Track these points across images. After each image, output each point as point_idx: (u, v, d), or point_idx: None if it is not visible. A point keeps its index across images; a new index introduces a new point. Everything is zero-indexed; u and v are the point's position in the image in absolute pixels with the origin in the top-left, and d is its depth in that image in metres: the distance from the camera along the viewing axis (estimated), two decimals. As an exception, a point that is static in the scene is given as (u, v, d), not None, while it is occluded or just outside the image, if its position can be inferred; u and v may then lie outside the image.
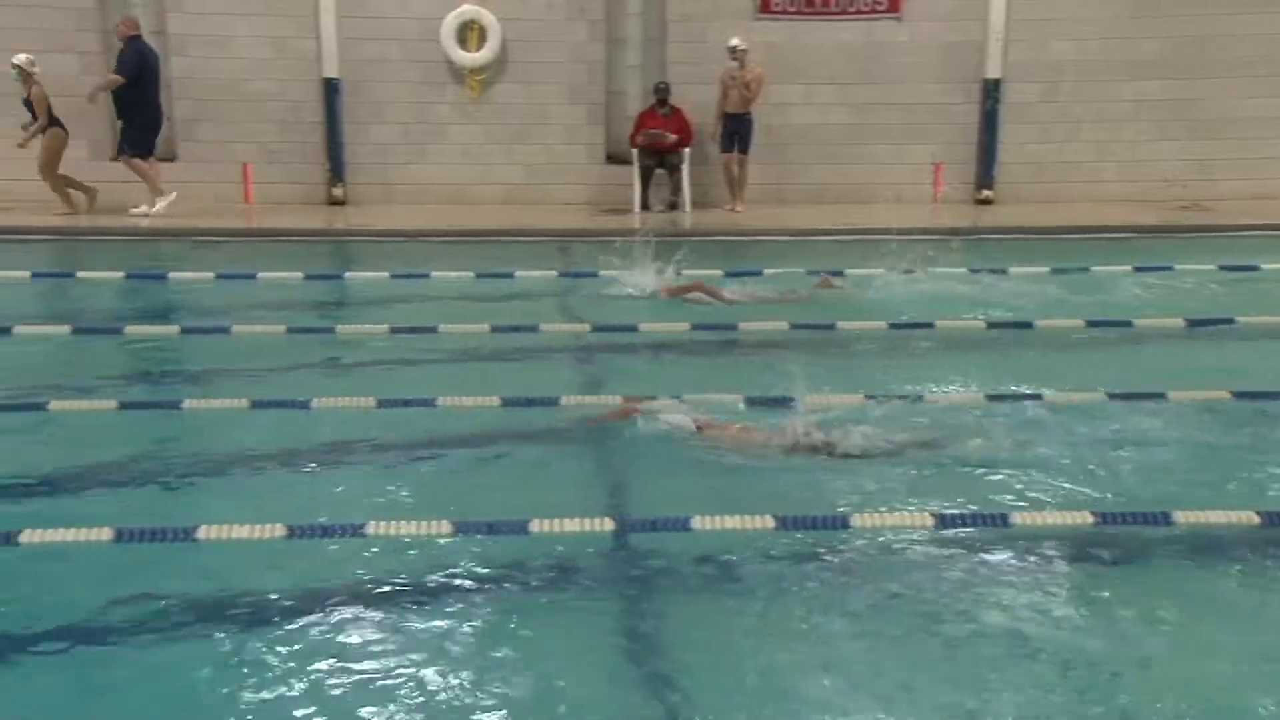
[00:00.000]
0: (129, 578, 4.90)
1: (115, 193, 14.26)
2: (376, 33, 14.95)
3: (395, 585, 4.81)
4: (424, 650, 4.29)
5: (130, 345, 8.82)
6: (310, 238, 13.38)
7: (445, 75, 15.22)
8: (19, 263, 11.31)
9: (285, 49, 14.87)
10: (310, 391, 7.26)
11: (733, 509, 5.34)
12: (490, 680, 4.10)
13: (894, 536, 5.16)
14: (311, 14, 14.76)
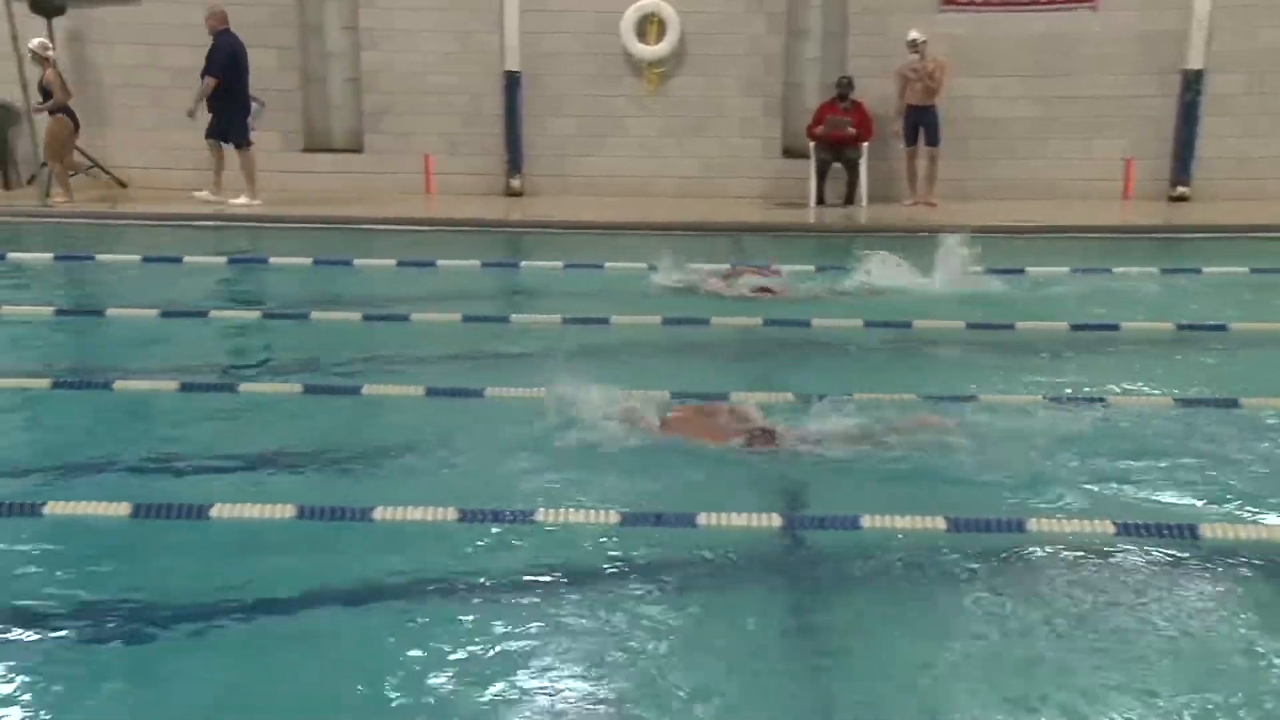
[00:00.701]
0: (309, 554, 5.11)
1: (296, 183, 14.82)
2: (557, 26, 15.18)
3: (561, 571, 4.91)
4: (585, 635, 4.37)
5: (315, 330, 9.15)
6: (488, 228, 13.66)
7: (623, 68, 15.37)
8: (214, 248, 11.82)
9: (469, 43, 15.21)
10: (483, 380, 7.44)
11: (904, 509, 5.31)
12: (650, 665, 4.16)
13: (1070, 545, 5.07)
14: (496, 9, 15.06)
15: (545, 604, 4.64)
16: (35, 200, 14.08)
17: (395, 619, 4.55)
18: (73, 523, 5.33)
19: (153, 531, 5.29)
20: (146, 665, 4.31)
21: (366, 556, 5.05)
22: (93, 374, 7.58)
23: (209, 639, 4.45)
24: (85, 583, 4.89)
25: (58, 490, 5.68)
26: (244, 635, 4.49)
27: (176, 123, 14.82)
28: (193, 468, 6.10)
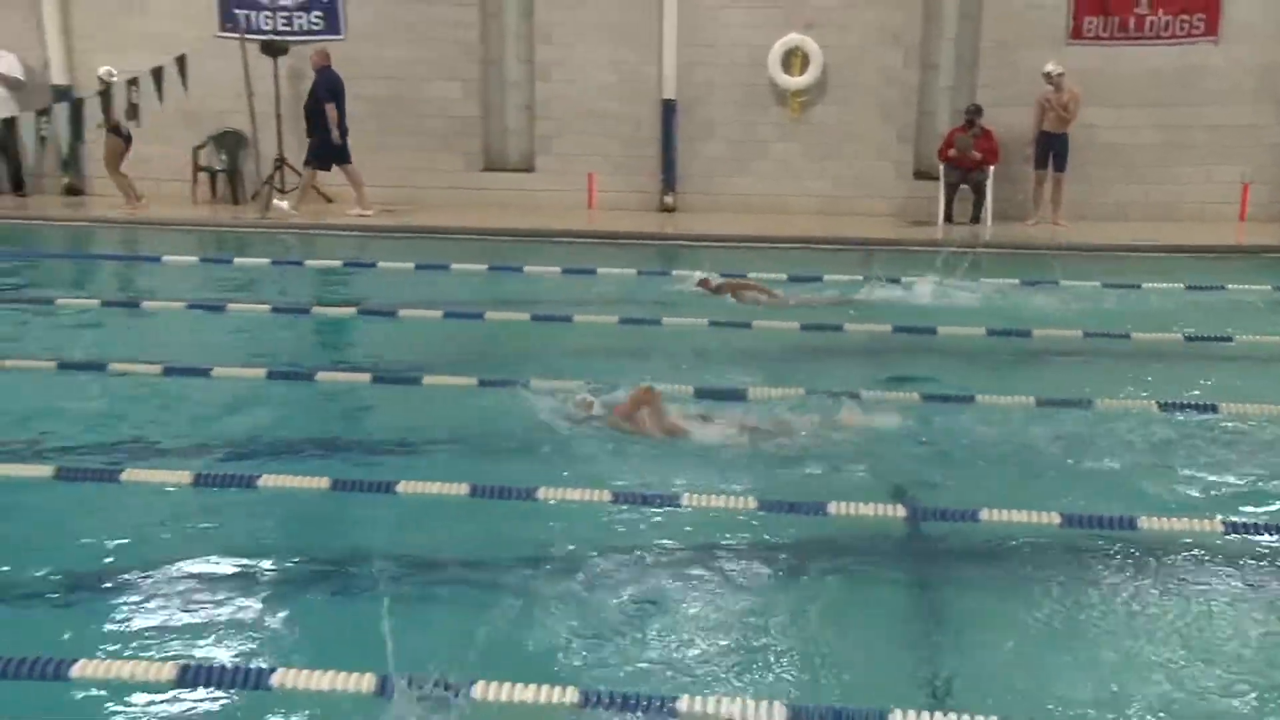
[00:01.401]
0: (479, 528, 5.34)
1: (475, 198, 15.19)
2: (710, 59, 15.32)
3: (704, 552, 5.06)
4: (722, 611, 4.53)
5: (489, 328, 9.44)
6: (643, 240, 13.85)
7: (768, 97, 15.44)
8: (403, 255, 12.22)
9: (630, 75, 15.45)
10: (636, 376, 7.59)
11: (1022, 505, 5.33)
12: (782, 639, 4.29)
13: (1184, 541, 5.06)
14: (655, 44, 15.26)
15: (690, 578, 4.80)
16: (256, 213, 14.74)
17: (554, 583, 4.75)
18: (282, 493, 5.66)
19: (347, 503, 5.61)
20: (347, 612, 4.59)
21: (529, 528, 5.27)
22: (299, 365, 7.94)
23: (391, 594, 4.70)
24: (292, 542, 5.23)
25: (270, 465, 6.01)
26: (424, 592, 4.74)
27: (373, 146, 15.44)
28: (382, 448, 6.40)
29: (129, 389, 7.46)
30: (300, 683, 3.88)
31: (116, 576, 4.84)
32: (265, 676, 3.91)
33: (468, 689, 3.81)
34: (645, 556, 5.04)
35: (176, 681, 3.90)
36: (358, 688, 3.86)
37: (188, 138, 15.29)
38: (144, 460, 6.10)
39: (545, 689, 3.81)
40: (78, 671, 3.91)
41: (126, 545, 5.12)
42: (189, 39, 14.73)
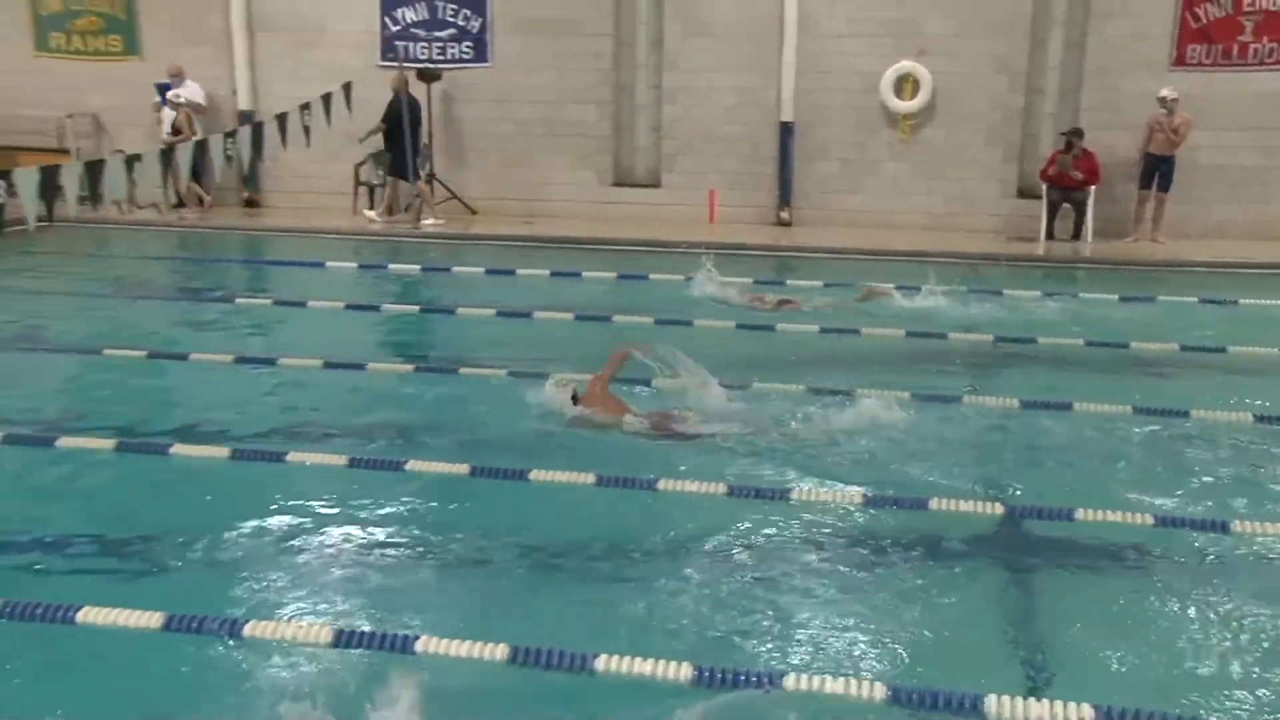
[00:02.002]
0: (603, 516, 5.39)
1: (606, 211, 15.32)
2: (826, 85, 15.19)
3: (810, 541, 5.05)
4: (829, 598, 4.51)
5: (616, 330, 9.50)
6: (760, 252, 13.79)
7: (880, 120, 15.24)
8: (540, 263, 12.35)
9: (751, 98, 15.40)
10: (750, 376, 7.60)
11: (1116, 505, 5.20)
12: (885, 626, 4.27)
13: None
14: (775, 70, 15.19)
15: (795, 566, 4.80)
16: (409, 224, 15.08)
17: (670, 567, 4.78)
18: (424, 477, 5.79)
19: (482, 488, 5.71)
20: (483, 587, 4.67)
21: (651, 520, 5.30)
22: (444, 361, 8.08)
23: (522, 571, 4.78)
24: (435, 522, 5.34)
25: (416, 452, 6.16)
26: (550, 569, 4.81)
27: (517, 163, 15.72)
28: (516, 438, 6.49)
29: (294, 380, 7.71)
30: (440, 649, 3.96)
31: (281, 547, 5.00)
32: (410, 643, 4.00)
33: (592, 661, 3.86)
34: (755, 545, 5.03)
35: (333, 642, 4.02)
36: (492, 656, 3.93)
37: (350, 155, 15.72)
38: (306, 444, 6.29)
39: (663, 664, 3.84)
40: (249, 631, 4.07)
41: (290, 520, 5.28)
42: (356, 68, 15.14)
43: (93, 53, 16.54)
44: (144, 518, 5.37)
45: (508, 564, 4.86)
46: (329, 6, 15.90)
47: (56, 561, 4.82)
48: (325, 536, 5.10)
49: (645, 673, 3.82)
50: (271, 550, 4.96)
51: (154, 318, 9.95)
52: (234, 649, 3.99)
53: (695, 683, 3.79)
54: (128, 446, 6.14)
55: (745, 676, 3.81)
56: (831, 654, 4.11)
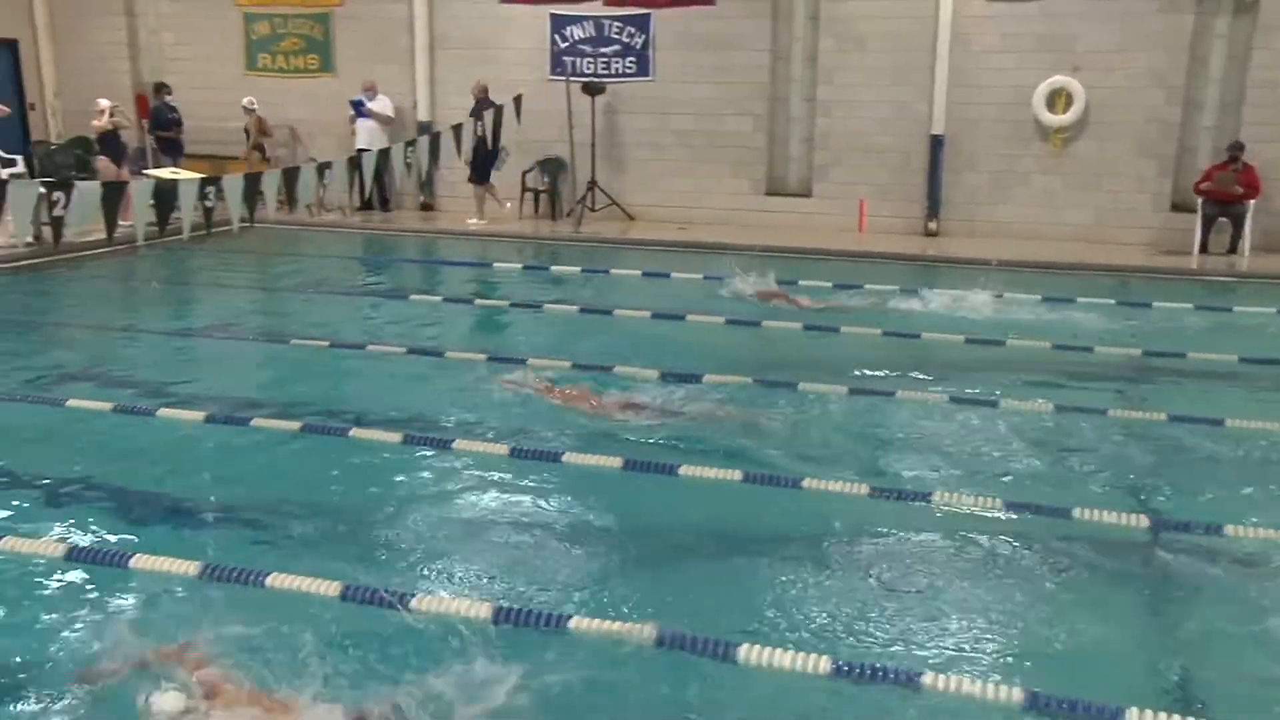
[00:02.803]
0: (748, 511, 5.37)
1: (759, 219, 15.24)
2: (978, 99, 14.76)
3: (954, 545, 4.94)
4: (969, 601, 4.41)
5: (765, 335, 9.44)
6: (907, 260, 13.50)
7: (1031, 133, 14.72)
8: (694, 267, 12.32)
9: (902, 111, 15.09)
10: (895, 384, 7.46)
11: (1266, 522, 4.94)
12: (1027, 632, 4.14)
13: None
14: (927, 84, 14.85)
15: (938, 569, 4.70)
16: (571, 228, 15.31)
17: (814, 564, 4.73)
18: (579, 468, 5.86)
19: (634, 480, 5.74)
20: (633, 574, 4.70)
21: (797, 516, 5.25)
22: (601, 361, 8.13)
23: (681, 561, 4.79)
24: (589, 512, 5.40)
25: (572, 445, 6.24)
26: (695, 558, 4.81)
27: (674, 172, 15.80)
28: (665, 435, 6.51)
29: (461, 374, 7.90)
30: (591, 629, 4.01)
31: (446, 527, 5.14)
32: (564, 621, 4.06)
33: (734, 650, 3.85)
34: (898, 546, 4.94)
35: (492, 618, 4.10)
36: (638, 637, 3.95)
37: (518, 163, 16.05)
38: (471, 435, 6.44)
39: (803, 656, 3.80)
40: (416, 604, 4.19)
41: (454, 502, 5.43)
42: (526, 82, 15.44)
43: (293, 71, 17.32)
44: (325, 494, 5.59)
45: (658, 552, 4.88)
46: (503, 27, 16.26)
47: (249, 531, 5.06)
48: (485, 519, 5.22)
49: (785, 665, 3.79)
50: (437, 529, 5.11)
51: (336, 311, 10.35)
52: (401, 619, 4.11)
53: (834, 676, 3.74)
54: (310, 428, 6.40)
55: (884, 672, 3.74)
56: (970, 656, 4.00)
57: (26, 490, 5.53)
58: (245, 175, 9.49)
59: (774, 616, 4.29)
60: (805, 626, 4.20)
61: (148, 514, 5.26)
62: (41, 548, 4.69)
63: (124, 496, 5.47)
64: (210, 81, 17.21)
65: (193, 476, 5.80)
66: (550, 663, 3.80)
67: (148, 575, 4.47)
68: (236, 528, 5.11)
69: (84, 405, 6.81)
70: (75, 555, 4.63)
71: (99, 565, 4.56)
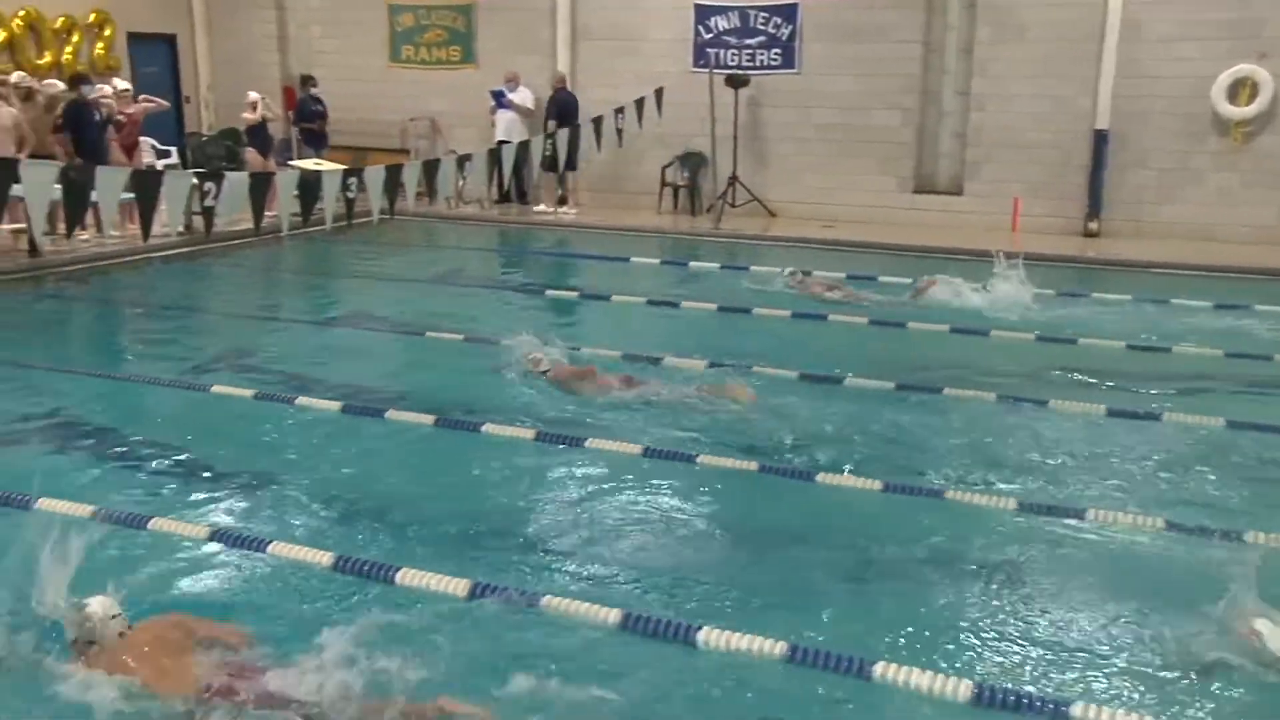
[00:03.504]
0: (887, 523, 5.25)
1: (905, 217, 14.93)
2: (1148, 91, 14.13)
3: (1100, 565, 4.76)
4: (1115, 627, 4.21)
5: (912, 337, 9.23)
6: (1064, 263, 13.02)
7: (1207, 126, 14.02)
8: (836, 265, 12.15)
9: (1063, 106, 14.57)
10: (1047, 393, 7.21)
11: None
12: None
13: None
14: (1092, 76, 14.31)
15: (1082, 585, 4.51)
16: (710, 224, 15.27)
17: (959, 587, 4.60)
18: (714, 471, 5.82)
19: (771, 485, 5.66)
20: (764, 580, 4.65)
21: (935, 530, 5.13)
22: (739, 359, 8.01)
23: (814, 573, 4.72)
24: (721, 514, 5.36)
25: (707, 447, 6.21)
26: (848, 575, 4.71)
27: (817, 167, 15.62)
28: (801, 439, 6.42)
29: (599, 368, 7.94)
30: (721, 642, 3.97)
31: (575, 527, 5.17)
32: (692, 633, 4.03)
33: (869, 668, 3.77)
34: (1043, 564, 4.77)
35: (619, 625, 4.10)
36: (771, 653, 3.90)
37: (659, 157, 16.09)
38: (604, 433, 6.47)
39: (942, 678, 3.70)
40: (545, 604, 4.23)
41: (584, 502, 5.45)
42: (668, 74, 15.48)
43: (435, 63, 17.74)
44: (455, 489, 5.69)
45: (791, 562, 4.81)
46: (646, 17, 16.31)
47: (380, 524, 5.18)
48: (615, 520, 5.23)
49: (923, 685, 3.69)
50: (566, 529, 5.14)
51: (471, 304, 10.55)
52: (526, 621, 4.15)
53: (975, 702, 3.62)
54: (444, 422, 6.53)
55: (1029, 700, 3.61)
56: (1116, 685, 3.82)
57: (173, 473, 5.78)
58: (386, 167, 9.77)
59: (911, 634, 4.18)
60: (941, 647, 4.08)
61: (283, 501, 5.44)
62: (186, 529, 4.90)
63: (262, 482, 5.67)
64: (355, 74, 17.77)
65: (327, 466, 5.97)
66: (674, 671, 3.79)
67: (283, 562, 4.62)
68: (367, 519, 5.24)
69: (227, 391, 7.11)
70: (217, 537, 4.82)
71: (238, 548, 4.74)
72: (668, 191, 16.38)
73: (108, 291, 10.93)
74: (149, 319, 10.00)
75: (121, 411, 6.92)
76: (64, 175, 7.87)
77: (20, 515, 4.95)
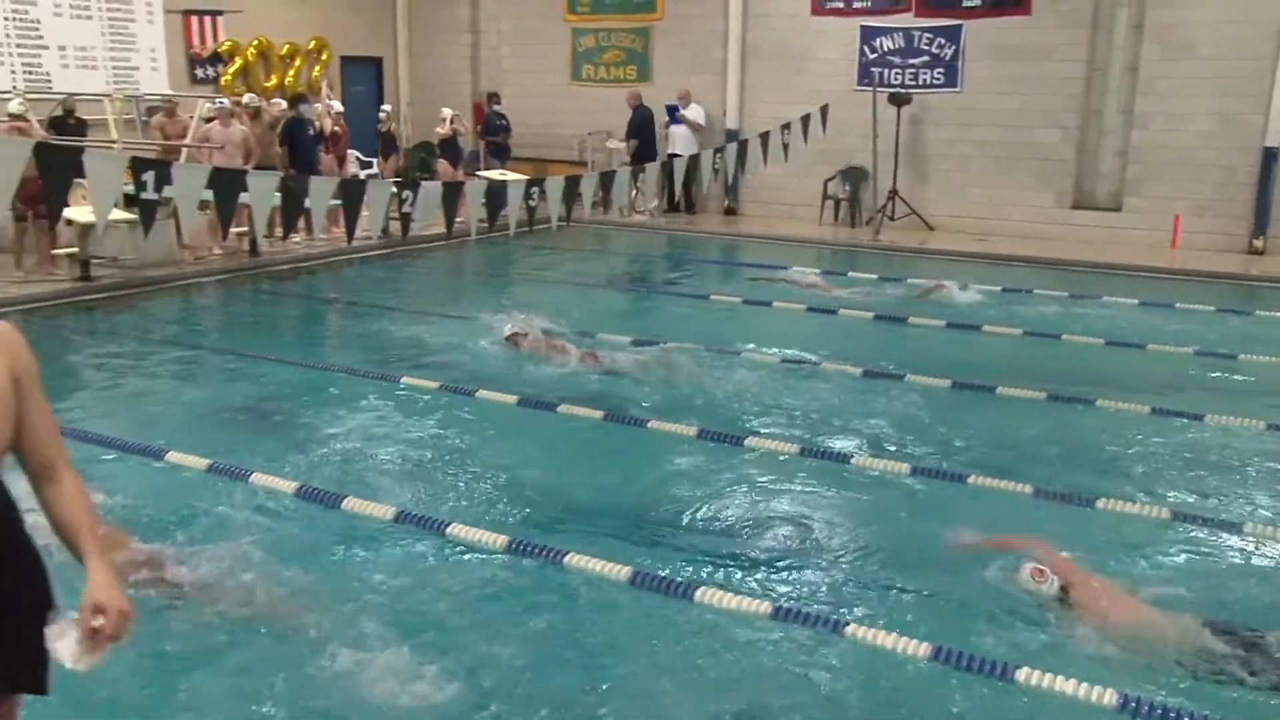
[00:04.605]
0: (1031, 527, 5.08)
1: (1062, 233, 14.35)
2: (1324, 107, 13.22)
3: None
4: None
5: (1066, 349, 8.90)
6: (1226, 280, 12.31)
7: (1384, 146, 13.02)
8: (991, 279, 11.78)
9: (1232, 124, 13.76)
10: (1201, 406, 6.85)
11: None
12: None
13: None
14: (1265, 93, 13.47)
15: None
16: (869, 236, 15.02)
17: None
18: (870, 473, 5.73)
19: (927, 489, 5.54)
20: (914, 586, 4.56)
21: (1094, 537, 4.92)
22: (893, 367, 7.92)
23: (955, 575, 4.61)
24: (870, 518, 5.28)
25: (861, 449, 6.15)
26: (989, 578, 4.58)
27: (976, 182, 15.19)
28: (955, 446, 6.27)
29: (757, 373, 7.93)
30: (868, 638, 3.92)
31: (734, 526, 5.17)
32: (840, 627, 3.99)
33: (1012, 672, 3.67)
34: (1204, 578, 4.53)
35: (770, 616, 4.09)
36: (915, 652, 3.83)
37: (821, 171, 15.91)
38: (763, 430, 6.46)
39: (1086, 686, 3.56)
40: (699, 596, 4.24)
41: (744, 502, 5.45)
42: (833, 91, 15.28)
43: (613, 81, 18.00)
44: (619, 482, 5.77)
45: (935, 563, 4.71)
46: (814, 39, 16.16)
47: (548, 512, 5.30)
48: (772, 520, 5.21)
49: (1067, 692, 3.57)
50: (727, 527, 5.15)
51: (641, 307, 10.65)
52: (683, 611, 4.18)
53: (1120, 710, 3.48)
54: (612, 417, 6.63)
55: (1177, 714, 3.44)
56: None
57: (365, 461, 6.03)
58: (566, 178, 9.96)
59: (1051, 639, 4.03)
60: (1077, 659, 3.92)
61: (461, 486, 5.62)
62: (374, 510, 5.12)
63: (443, 469, 5.87)
64: (538, 91, 18.20)
65: (504, 455, 6.13)
66: (820, 664, 3.76)
67: (459, 542, 4.78)
68: (539, 507, 5.36)
69: (416, 383, 7.38)
70: (401, 519, 5.02)
71: (422, 530, 4.92)
72: (828, 204, 16.19)
73: (312, 289, 11.52)
74: (348, 315, 10.51)
75: (320, 397, 7.22)
76: (283, 184, 8.31)
77: (236, 485, 5.30)
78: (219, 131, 12.41)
